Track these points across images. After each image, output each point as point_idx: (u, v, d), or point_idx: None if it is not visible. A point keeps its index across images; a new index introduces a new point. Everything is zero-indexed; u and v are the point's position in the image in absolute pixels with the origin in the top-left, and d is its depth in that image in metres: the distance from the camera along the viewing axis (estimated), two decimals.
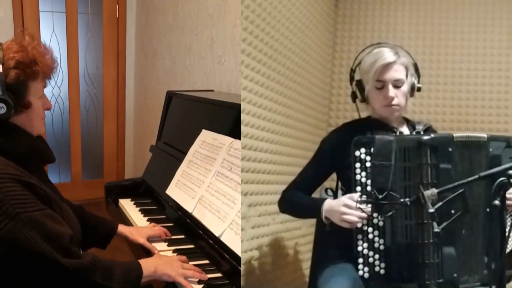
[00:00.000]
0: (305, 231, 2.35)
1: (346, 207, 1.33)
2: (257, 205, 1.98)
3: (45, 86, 1.32)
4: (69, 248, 1.18)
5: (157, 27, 3.84)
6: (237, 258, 1.46)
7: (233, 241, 1.50)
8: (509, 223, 1.38)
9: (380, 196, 1.30)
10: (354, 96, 1.55)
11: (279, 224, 2.15)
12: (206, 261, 1.57)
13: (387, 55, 1.43)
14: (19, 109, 1.22)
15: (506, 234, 1.21)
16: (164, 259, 1.46)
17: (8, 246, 1.09)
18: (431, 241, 1.28)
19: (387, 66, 1.42)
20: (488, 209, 1.31)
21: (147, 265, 1.35)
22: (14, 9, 3.87)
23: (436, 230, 1.18)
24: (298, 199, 1.54)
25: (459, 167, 1.34)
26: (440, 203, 1.20)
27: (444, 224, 1.21)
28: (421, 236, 1.28)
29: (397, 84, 1.43)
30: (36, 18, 4.01)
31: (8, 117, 1.20)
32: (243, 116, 1.84)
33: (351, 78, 1.55)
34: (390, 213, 1.30)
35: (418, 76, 1.52)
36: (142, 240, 1.67)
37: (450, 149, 1.34)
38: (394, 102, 1.43)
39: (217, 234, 1.57)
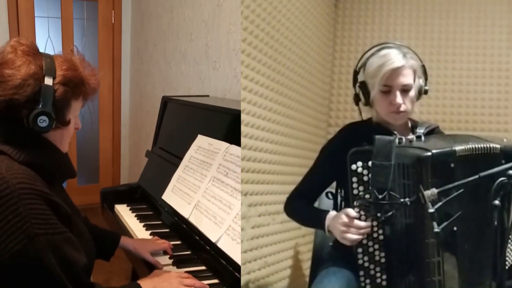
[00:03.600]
0: (305, 231, 2.34)
1: (345, 226, 1.30)
2: (257, 205, 1.98)
3: (82, 107, 1.31)
4: (80, 276, 1.14)
5: (152, 32, 3.85)
6: (234, 264, 1.45)
7: (230, 247, 1.49)
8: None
9: (380, 196, 1.29)
10: (357, 99, 1.47)
11: (279, 224, 2.14)
12: (203, 267, 1.57)
13: (396, 58, 1.35)
14: (57, 125, 1.20)
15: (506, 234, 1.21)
16: (162, 276, 1.41)
17: (21, 265, 1.07)
18: (433, 259, 1.24)
19: (396, 70, 1.34)
20: (490, 213, 1.29)
21: (146, 285, 1.33)
22: (9, 14, 3.87)
23: (436, 230, 1.17)
24: (301, 210, 1.51)
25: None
26: (440, 203, 1.20)
27: (444, 224, 1.21)
28: (426, 254, 1.24)
29: (405, 89, 1.36)
30: (31, 23, 4.01)
31: (46, 131, 1.18)
32: (243, 116, 1.84)
33: (355, 80, 1.47)
34: (390, 213, 1.30)
35: (426, 78, 1.44)
36: (146, 255, 1.63)
37: (452, 165, 1.24)
38: (401, 109, 1.36)
39: (213, 240, 1.56)
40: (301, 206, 1.51)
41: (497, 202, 1.13)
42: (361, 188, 1.32)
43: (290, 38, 2.23)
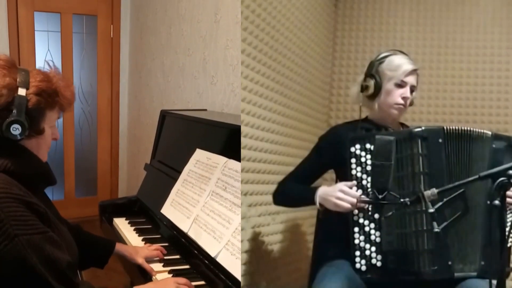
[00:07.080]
0: (305, 231, 2.34)
1: (341, 193, 1.38)
2: (257, 205, 1.98)
3: (58, 118, 1.35)
4: (66, 274, 1.16)
5: (151, 47, 3.87)
6: (232, 279, 1.45)
7: (229, 262, 1.49)
8: (509, 220, 1.39)
9: (380, 196, 1.30)
10: (363, 88, 1.59)
11: (279, 224, 2.15)
12: (202, 282, 1.56)
13: (413, 64, 1.56)
14: (31, 134, 1.25)
15: (506, 234, 1.21)
16: (158, 283, 1.44)
17: (5, 267, 1.09)
18: (425, 228, 1.30)
19: (414, 71, 1.56)
20: (487, 206, 1.32)
21: None
22: (9, 28, 3.90)
23: (436, 230, 1.18)
24: (292, 188, 1.60)
25: (452, 158, 1.38)
26: (440, 203, 1.20)
27: (444, 224, 1.21)
28: (415, 224, 1.32)
29: (412, 89, 1.56)
30: (31, 36, 4.03)
31: (19, 140, 1.22)
32: (243, 116, 1.85)
33: (368, 70, 1.61)
34: (390, 213, 1.31)
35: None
36: (140, 260, 1.65)
37: (440, 140, 1.38)
38: (407, 103, 1.55)
39: (212, 255, 1.56)
40: (293, 185, 1.61)
41: (497, 202, 1.13)
42: (358, 168, 1.43)
43: (290, 38, 2.23)
